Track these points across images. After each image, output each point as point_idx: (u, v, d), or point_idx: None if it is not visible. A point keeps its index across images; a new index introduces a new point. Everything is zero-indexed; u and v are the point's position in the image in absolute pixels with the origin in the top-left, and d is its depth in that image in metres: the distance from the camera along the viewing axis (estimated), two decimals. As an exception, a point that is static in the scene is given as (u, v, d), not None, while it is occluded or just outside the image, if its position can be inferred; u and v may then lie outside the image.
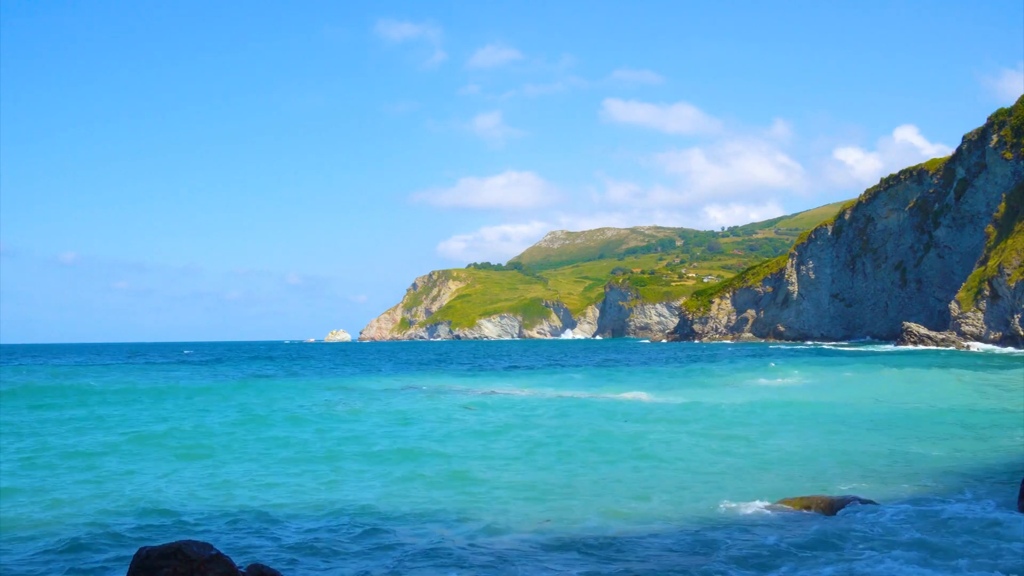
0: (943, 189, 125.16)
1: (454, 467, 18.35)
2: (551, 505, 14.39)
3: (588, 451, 20.46)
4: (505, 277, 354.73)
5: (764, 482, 16.24)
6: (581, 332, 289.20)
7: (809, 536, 11.80)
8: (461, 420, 27.75)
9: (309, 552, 11.63)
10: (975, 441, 21.02)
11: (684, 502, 14.43)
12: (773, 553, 11.09)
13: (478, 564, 10.88)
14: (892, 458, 18.71)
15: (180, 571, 9.02)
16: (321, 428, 25.73)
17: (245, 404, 34.31)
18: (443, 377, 54.78)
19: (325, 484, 16.74)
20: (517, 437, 23.01)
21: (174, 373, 62.87)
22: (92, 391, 42.19)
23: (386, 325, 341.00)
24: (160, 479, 17.48)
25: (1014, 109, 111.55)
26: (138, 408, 33.39)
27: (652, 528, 12.67)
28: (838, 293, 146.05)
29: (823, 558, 10.77)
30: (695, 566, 10.57)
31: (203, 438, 23.61)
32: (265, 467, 19.01)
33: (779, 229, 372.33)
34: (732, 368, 58.30)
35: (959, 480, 15.84)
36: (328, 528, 12.96)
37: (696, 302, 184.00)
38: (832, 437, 22.22)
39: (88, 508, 14.62)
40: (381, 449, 21.24)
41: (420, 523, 13.27)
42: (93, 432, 25.31)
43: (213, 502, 15.04)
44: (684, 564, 10.71)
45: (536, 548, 11.62)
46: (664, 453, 19.79)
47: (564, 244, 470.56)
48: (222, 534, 12.67)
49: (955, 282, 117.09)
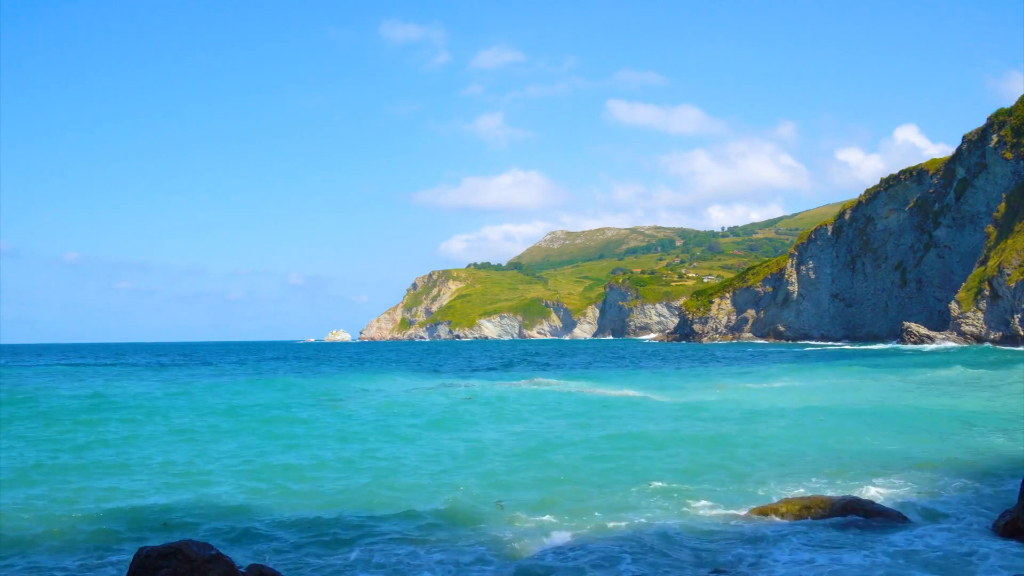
0: (943, 189, 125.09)
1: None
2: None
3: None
4: (505, 277, 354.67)
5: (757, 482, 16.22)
6: (581, 332, 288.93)
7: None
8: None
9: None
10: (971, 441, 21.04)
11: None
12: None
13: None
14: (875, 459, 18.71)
15: (180, 571, 9.03)
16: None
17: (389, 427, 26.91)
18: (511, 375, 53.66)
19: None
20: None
21: (225, 379, 57.10)
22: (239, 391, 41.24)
23: (386, 325, 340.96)
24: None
25: (1014, 109, 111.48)
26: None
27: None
28: (838, 293, 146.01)
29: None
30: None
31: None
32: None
33: (779, 229, 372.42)
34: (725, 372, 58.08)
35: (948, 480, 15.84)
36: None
37: (696, 302, 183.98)
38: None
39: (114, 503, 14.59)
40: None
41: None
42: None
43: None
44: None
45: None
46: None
47: (564, 244, 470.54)
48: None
49: (955, 282, 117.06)
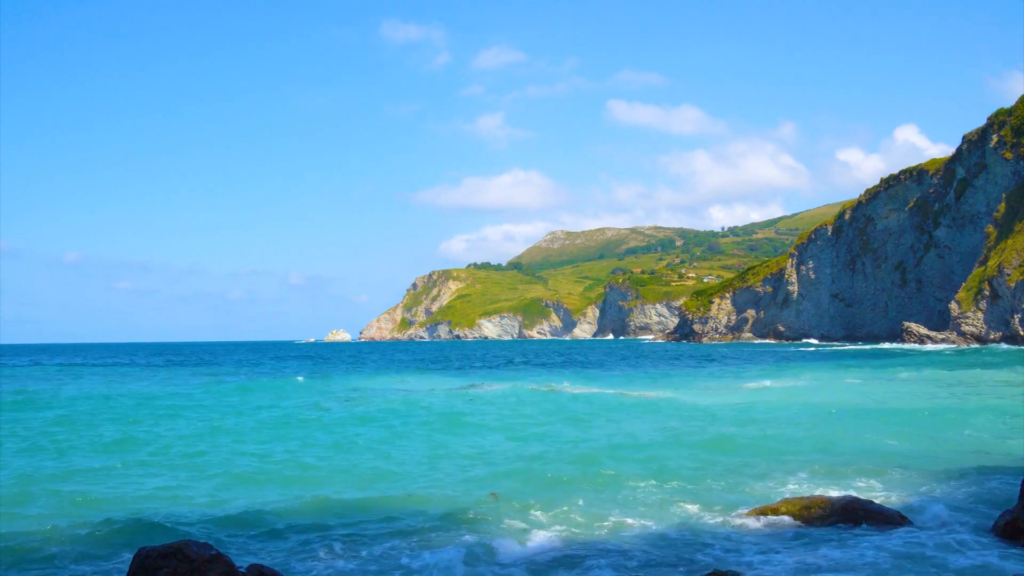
0: (943, 189, 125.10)
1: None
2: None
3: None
4: (505, 277, 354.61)
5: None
6: (581, 332, 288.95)
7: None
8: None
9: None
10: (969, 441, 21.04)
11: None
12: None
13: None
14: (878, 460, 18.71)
15: (180, 571, 9.02)
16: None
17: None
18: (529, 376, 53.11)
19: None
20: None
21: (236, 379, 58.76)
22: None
23: (386, 325, 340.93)
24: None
25: (1014, 109, 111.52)
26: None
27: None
28: (838, 293, 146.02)
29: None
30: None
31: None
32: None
33: (779, 229, 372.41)
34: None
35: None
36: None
37: (696, 302, 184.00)
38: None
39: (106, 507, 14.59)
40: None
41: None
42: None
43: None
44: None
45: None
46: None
47: (564, 244, 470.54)
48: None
49: (955, 282, 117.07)
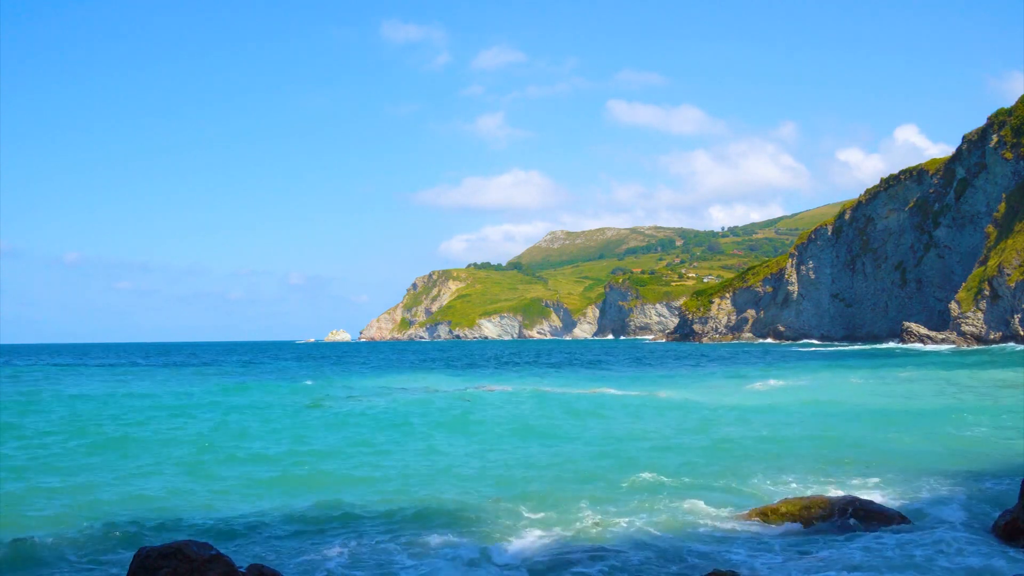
0: (943, 189, 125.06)
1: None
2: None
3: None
4: (505, 277, 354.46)
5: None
6: (581, 332, 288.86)
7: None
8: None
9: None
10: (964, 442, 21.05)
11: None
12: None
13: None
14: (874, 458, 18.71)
15: (180, 571, 9.02)
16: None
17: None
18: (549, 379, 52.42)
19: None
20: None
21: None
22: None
23: (386, 325, 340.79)
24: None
25: (1014, 109, 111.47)
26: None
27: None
28: (838, 293, 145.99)
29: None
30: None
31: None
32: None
33: (779, 229, 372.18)
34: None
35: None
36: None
37: (696, 302, 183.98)
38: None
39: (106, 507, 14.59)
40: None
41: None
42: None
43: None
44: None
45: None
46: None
47: (564, 244, 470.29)
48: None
49: (955, 282, 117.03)
